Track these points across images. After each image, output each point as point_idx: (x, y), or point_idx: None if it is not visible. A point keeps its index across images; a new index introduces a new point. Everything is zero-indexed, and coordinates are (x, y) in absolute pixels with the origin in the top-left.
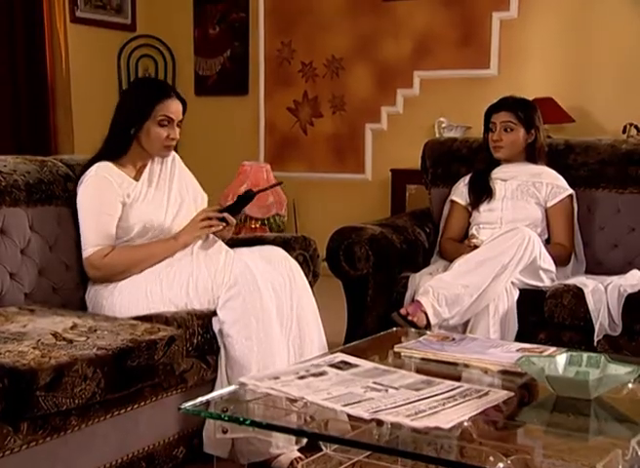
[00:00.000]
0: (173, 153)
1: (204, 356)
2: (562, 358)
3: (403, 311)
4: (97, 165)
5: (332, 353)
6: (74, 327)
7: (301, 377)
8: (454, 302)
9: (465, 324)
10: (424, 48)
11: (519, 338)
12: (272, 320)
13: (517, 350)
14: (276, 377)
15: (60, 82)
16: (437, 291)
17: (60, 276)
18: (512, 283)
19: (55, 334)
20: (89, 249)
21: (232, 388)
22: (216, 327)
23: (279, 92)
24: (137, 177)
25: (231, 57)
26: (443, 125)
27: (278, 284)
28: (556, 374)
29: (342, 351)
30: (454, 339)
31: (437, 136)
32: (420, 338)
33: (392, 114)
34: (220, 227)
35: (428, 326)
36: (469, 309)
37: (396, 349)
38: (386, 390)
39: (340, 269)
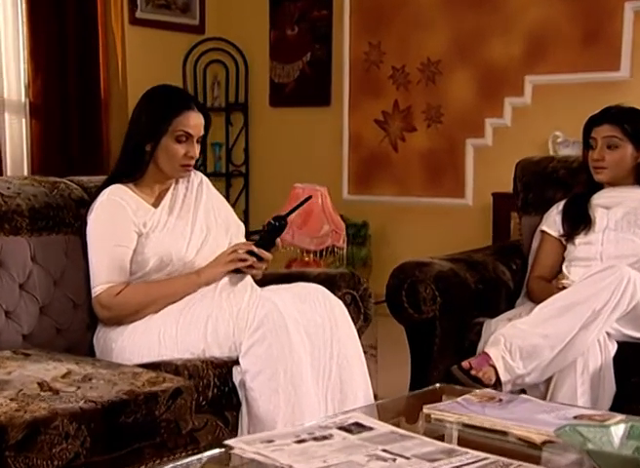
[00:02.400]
0: (200, 176)
1: (221, 412)
2: (619, 429)
3: (465, 364)
4: (109, 188)
5: (348, 412)
6: (67, 374)
7: (300, 441)
8: (531, 355)
9: (548, 382)
10: (538, 48)
11: (617, 403)
12: (304, 370)
13: (575, 417)
14: (270, 440)
15: (115, 93)
16: (510, 340)
17: (65, 315)
18: (607, 334)
19: (41, 384)
20: (98, 286)
21: (215, 451)
22: (236, 378)
23: (366, 101)
24: (155, 204)
25: (311, 61)
26: (558, 140)
27: (314, 327)
28: (600, 449)
29: (365, 410)
30: (500, 400)
31: (551, 152)
32: (459, 398)
33: (498, 127)
34: (249, 262)
35: (498, 384)
36: (551, 365)
37: (426, 410)
38: (394, 460)
39: (402, 312)
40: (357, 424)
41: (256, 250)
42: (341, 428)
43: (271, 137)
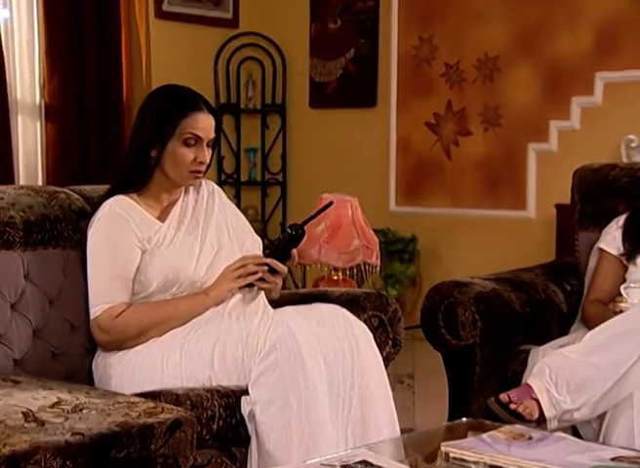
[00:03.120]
0: (212, 185)
1: (228, 447)
2: None
3: (504, 397)
4: (111, 200)
5: (356, 448)
6: (57, 404)
7: None
8: (580, 388)
9: (601, 418)
10: (610, 41)
11: None
12: (321, 402)
13: (612, 458)
14: None
15: (138, 94)
16: (556, 371)
17: (62, 339)
18: None
19: (26, 414)
20: (97, 307)
21: None
22: (245, 409)
23: (416, 102)
24: (162, 218)
25: (356, 58)
26: (633, 144)
27: (333, 353)
28: None
29: (383, 445)
30: (530, 438)
31: (624, 159)
32: (485, 435)
33: (565, 130)
34: (259, 274)
35: (542, 420)
36: (604, 399)
37: (444, 448)
38: None
39: (439, 337)
40: (365, 463)
41: (268, 261)
42: (346, 466)
43: (311, 142)
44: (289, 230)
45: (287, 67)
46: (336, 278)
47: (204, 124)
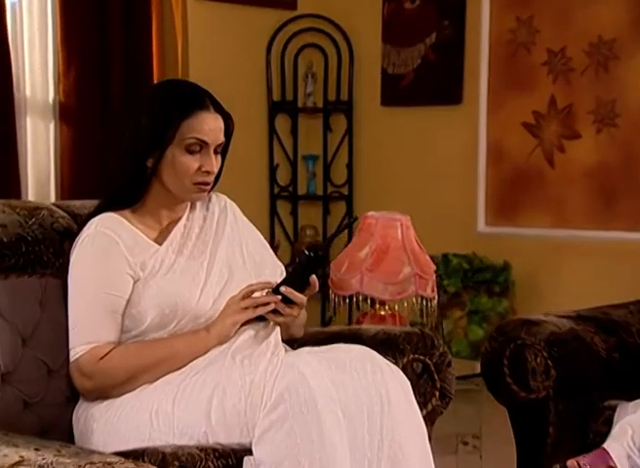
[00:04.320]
0: (224, 199)
1: None
2: None
3: (572, 464)
4: (97, 218)
5: None
6: (17, 464)
7: None
8: None
9: None
10: None
11: None
12: (340, 464)
13: None
14: None
15: None
16: None
17: (36, 385)
18: None
19: None
20: (79, 347)
21: None
22: None
23: (511, 98)
24: (160, 240)
25: (437, 44)
26: None
27: (356, 405)
28: None
29: None
30: None
31: None
32: None
33: None
34: (271, 305)
35: None
36: None
37: None
38: None
39: (503, 388)
40: None
41: (283, 289)
42: None
43: (383, 148)
44: (306, 252)
45: (354, 57)
46: (383, 313)
47: (210, 126)
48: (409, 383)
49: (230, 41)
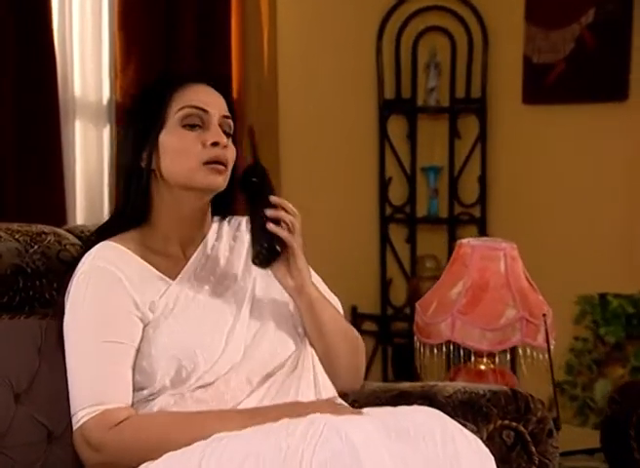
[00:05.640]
0: None
1: None
2: None
3: None
4: (95, 249)
5: None
6: None
7: None
8: None
9: None
10: None
11: None
12: None
13: None
14: None
15: (255, 84)
16: None
17: (33, 452)
18: None
19: None
20: (82, 411)
21: None
22: None
23: None
24: (172, 271)
25: (596, 24)
26: None
27: None
28: None
29: None
30: None
31: None
32: None
33: None
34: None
35: None
36: None
37: None
38: None
39: (629, 463)
40: None
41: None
42: None
43: (525, 157)
44: (251, 178)
45: (489, 42)
46: (483, 368)
47: (208, 96)
48: (492, 458)
49: (329, 26)
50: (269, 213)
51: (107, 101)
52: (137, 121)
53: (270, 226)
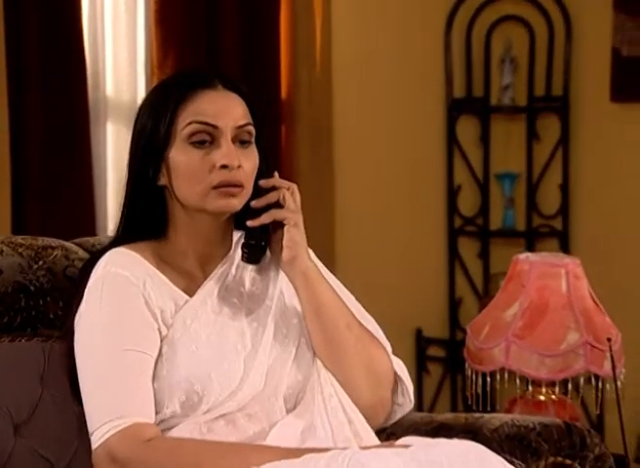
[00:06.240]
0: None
1: None
2: None
3: None
4: (107, 255)
5: None
6: None
7: None
8: None
9: None
10: None
11: None
12: None
13: None
14: None
15: (306, 82)
16: None
17: None
18: None
19: None
20: (107, 425)
21: None
22: None
23: None
24: (190, 288)
25: None
26: None
27: None
28: None
29: None
30: None
31: None
32: None
33: None
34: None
35: None
36: None
37: None
38: None
39: None
40: None
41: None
42: None
43: (615, 161)
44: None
45: (572, 32)
46: (542, 398)
47: (219, 105)
48: None
49: (390, 18)
50: (253, 203)
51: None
52: (143, 136)
53: (249, 222)
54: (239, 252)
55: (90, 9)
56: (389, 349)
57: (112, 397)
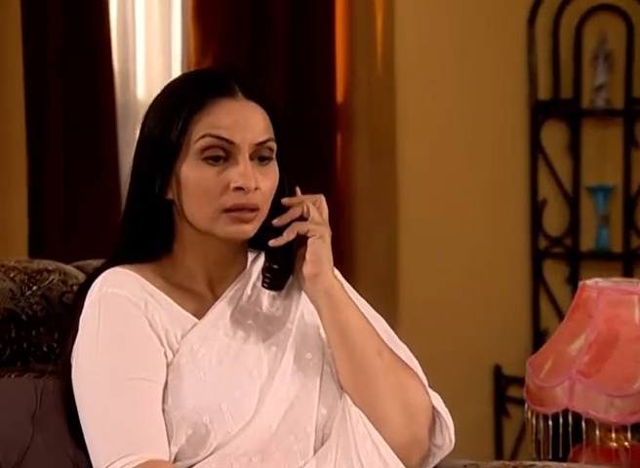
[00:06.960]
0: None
1: None
2: None
3: None
4: (102, 276)
5: None
6: None
7: None
8: None
9: None
10: None
11: None
12: None
13: None
14: None
15: (364, 82)
16: None
17: None
18: None
19: None
20: (116, 463)
21: None
22: None
23: None
24: (199, 311)
25: None
26: None
27: None
28: None
29: None
30: None
31: None
32: None
33: None
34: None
35: None
36: None
37: None
38: None
39: None
40: None
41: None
42: None
43: None
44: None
45: None
46: (614, 445)
47: (236, 117)
48: None
49: (463, 8)
50: (275, 222)
51: None
52: (150, 141)
53: (271, 242)
54: (256, 270)
55: (118, 4)
56: (425, 382)
57: (120, 432)
